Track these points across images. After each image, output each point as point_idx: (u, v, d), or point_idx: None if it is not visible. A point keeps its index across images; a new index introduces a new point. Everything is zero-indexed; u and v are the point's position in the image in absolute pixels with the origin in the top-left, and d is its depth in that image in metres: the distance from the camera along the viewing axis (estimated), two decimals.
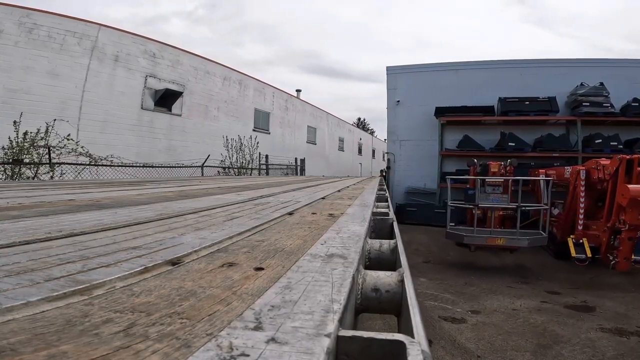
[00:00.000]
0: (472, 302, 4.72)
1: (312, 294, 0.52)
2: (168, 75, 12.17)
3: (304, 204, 1.96)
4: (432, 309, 4.41)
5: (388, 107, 13.37)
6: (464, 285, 5.45)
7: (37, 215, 1.30)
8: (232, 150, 14.62)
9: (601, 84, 10.69)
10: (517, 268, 6.53)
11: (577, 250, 5.96)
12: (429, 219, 10.75)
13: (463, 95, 11.99)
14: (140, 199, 2.07)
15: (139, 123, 11.32)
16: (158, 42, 12.05)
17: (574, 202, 6.46)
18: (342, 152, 27.13)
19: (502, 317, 4.16)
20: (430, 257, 7.23)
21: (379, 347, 0.39)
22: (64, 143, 8.75)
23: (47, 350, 0.33)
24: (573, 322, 4.05)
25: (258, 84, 16.91)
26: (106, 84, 10.38)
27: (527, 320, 4.09)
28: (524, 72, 11.98)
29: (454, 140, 11.99)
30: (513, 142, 10.94)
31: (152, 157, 11.09)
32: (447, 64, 12.98)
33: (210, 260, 0.72)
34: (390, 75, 13.40)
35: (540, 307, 4.50)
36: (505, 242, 6.27)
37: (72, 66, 9.63)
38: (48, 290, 0.49)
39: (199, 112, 13.41)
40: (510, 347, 3.44)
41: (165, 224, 1.14)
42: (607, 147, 10.11)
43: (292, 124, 19.71)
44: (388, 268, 0.89)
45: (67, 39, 9.55)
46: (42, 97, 8.97)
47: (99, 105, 10.17)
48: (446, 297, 4.85)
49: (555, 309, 4.44)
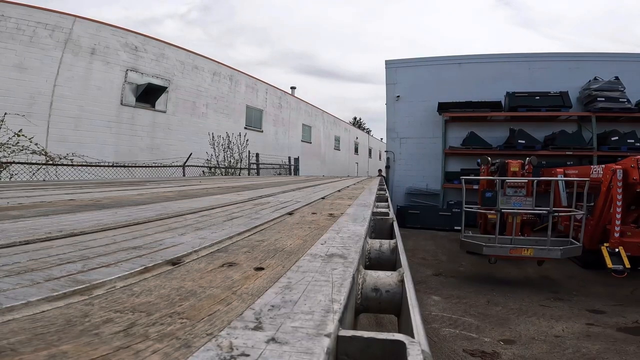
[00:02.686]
0: (502, 327, 3.91)
1: (312, 294, 0.52)
2: (152, 70, 11.53)
3: (303, 203, 1.96)
4: (453, 339, 3.60)
5: (387, 102, 12.77)
6: (486, 304, 4.64)
7: (37, 215, 1.30)
8: (218, 148, 13.78)
9: (616, 78, 10.16)
10: (544, 281, 5.79)
11: (613, 260, 5.34)
12: (432, 222, 10.26)
13: (468, 90, 11.38)
14: (140, 198, 2.07)
15: (118, 120, 10.67)
16: (141, 35, 11.39)
17: (607, 205, 5.78)
18: (338, 152, 26.66)
19: (545, 348, 3.36)
20: (441, 268, 6.49)
21: (379, 347, 0.39)
22: (15, 140, 7.87)
23: (47, 350, 0.33)
24: (634, 349, 3.33)
25: (250, 80, 16.20)
26: (81, 78, 9.78)
27: (578, 350, 3.32)
28: (532, 66, 11.31)
29: (459, 138, 11.43)
30: (523, 140, 10.34)
31: (133, 155, 10.50)
32: (450, 57, 12.33)
33: (210, 260, 0.72)
34: (389, 70, 12.74)
35: (588, 332, 3.75)
36: (533, 253, 5.43)
37: (43, 59, 9.03)
38: (48, 290, 0.49)
39: (185, 108, 12.74)
40: None
41: (165, 224, 1.14)
42: (624, 144, 9.52)
43: (286, 122, 19.09)
44: (388, 268, 0.89)
45: (38, 31, 8.97)
46: (7, 91, 8.40)
47: (72, 101, 9.58)
48: (468, 322, 4.08)
49: (607, 334, 3.73)
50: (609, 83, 10.16)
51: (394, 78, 12.67)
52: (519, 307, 4.56)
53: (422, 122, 12.12)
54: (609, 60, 10.79)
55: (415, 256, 7.16)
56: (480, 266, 6.38)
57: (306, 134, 21.36)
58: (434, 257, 7.23)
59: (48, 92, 9.18)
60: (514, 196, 6.47)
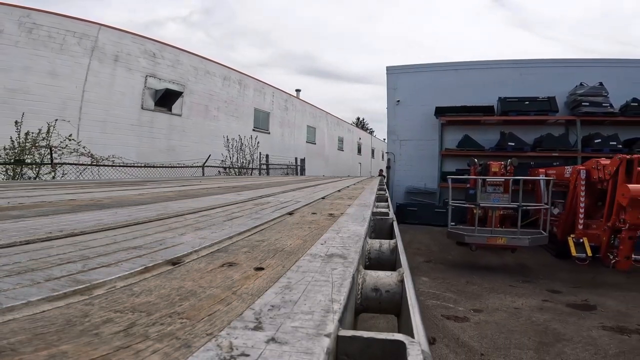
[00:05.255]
0: (474, 300, 4.75)
1: (312, 294, 0.52)
2: (168, 75, 12.16)
3: (303, 203, 1.96)
4: (434, 307, 4.46)
5: (388, 107, 13.41)
6: (465, 284, 5.50)
7: (37, 215, 1.30)
8: (232, 150, 14.63)
9: (600, 84, 10.72)
10: (519, 267, 6.58)
11: (577, 249, 6.01)
12: (429, 218, 10.79)
13: (463, 95, 12.01)
14: (140, 199, 2.07)
15: (139, 123, 11.33)
16: (158, 42, 12.04)
17: (574, 201, 6.51)
18: (342, 152, 27.10)
19: (505, 316, 4.19)
20: (432, 256, 7.27)
21: (379, 347, 0.39)
22: (65, 143, 8.73)
23: (47, 350, 0.33)
24: (575, 320, 4.10)
25: (258, 84, 16.93)
26: (106, 83, 10.38)
27: (529, 318, 4.13)
28: (523, 72, 12.02)
29: (454, 140, 12.03)
30: (513, 142, 11.01)
31: (152, 157, 11.07)
32: (447, 64, 13.01)
33: (210, 260, 0.72)
34: (390, 75, 13.42)
35: (542, 306, 4.55)
36: (506, 241, 6.31)
37: (72, 66, 9.63)
38: (48, 290, 0.49)
39: (198, 112, 13.41)
40: (513, 345, 3.47)
41: (165, 224, 1.14)
42: (606, 146, 10.16)
43: (291, 124, 19.72)
44: (388, 268, 0.89)
45: (67, 38, 9.54)
46: (41, 97, 8.96)
47: (99, 105, 10.17)
48: (448, 296, 4.89)
49: (557, 308, 4.50)
50: (593, 88, 10.72)
51: (394, 83, 13.31)
52: (491, 286, 5.36)
53: (421, 125, 12.71)
54: (594, 66, 11.43)
55: (411, 247, 7.83)
56: (466, 256, 7.19)
57: (310, 135, 21.88)
58: (427, 248, 7.97)
59: (78, 97, 9.76)
60: (493, 193, 7.48)
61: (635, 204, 4.99)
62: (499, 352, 3.37)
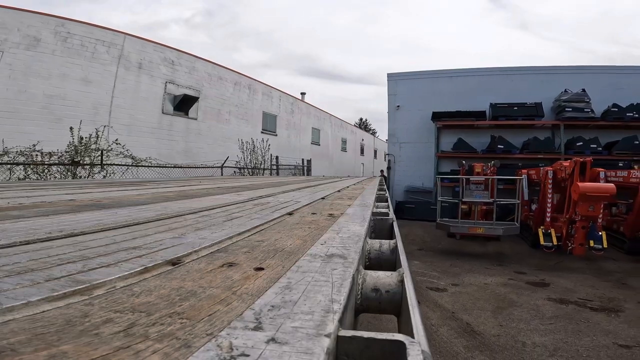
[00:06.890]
0: (454, 278, 5.73)
1: (312, 294, 0.52)
2: (185, 82, 12.75)
3: (303, 204, 1.96)
4: (421, 282, 5.44)
5: (389, 111, 14.22)
6: (449, 266, 6.44)
7: (37, 215, 1.30)
8: (246, 152, 15.62)
9: (583, 91, 11.46)
10: (496, 255, 7.45)
11: (545, 239, 6.79)
12: (425, 215, 11.49)
13: (458, 100, 12.81)
14: (140, 199, 2.07)
15: (159, 126, 11.91)
16: (175, 50, 12.57)
17: (544, 197, 7.35)
18: (345, 153, 27.51)
19: (475, 289, 5.20)
20: (424, 246, 8.31)
21: (379, 347, 0.39)
22: (112, 147, 9.87)
23: (47, 350, 0.33)
24: (528, 293, 5.00)
25: (266, 88, 17.54)
26: (132, 90, 10.93)
27: (494, 291, 5.09)
28: (514, 78, 12.83)
29: (449, 143, 12.74)
30: (502, 145, 11.73)
31: (171, 158, 11.66)
32: (443, 71, 13.76)
33: (210, 260, 0.72)
34: (390, 82, 14.21)
35: (506, 283, 5.48)
36: (484, 230, 7.41)
37: (102, 73, 10.16)
38: (48, 290, 0.49)
39: (212, 115, 14.02)
40: (476, 308, 4.44)
41: (165, 224, 1.14)
42: (587, 149, 10.84)
43: (297, 126, 20.35)
44: (388, 268, 0.89)
45: (98, 47, 10.06)
46: (76, 102, 9.50)
47: (126, 110, 10.72)
48: (434, 274, 5.91)
49: (518, 284, 5.40)
50: (576, 95, 11.54)
51: (394, 89, 14.18)
52: (470, 268, 6.30)
53: (419, 129, 13.52)
54: (580, 73, 12.14)
55: (407, 238, 8.69)
56: (454, 245, 8.31)
57: (315, 137, 22.48)
58: (421, 239, 9.01)
59: (107, 102, 10.35)
60: (475, 190, 8.58)
61: (584, 198, 5.79)
62: (465, 312, 4.29)
